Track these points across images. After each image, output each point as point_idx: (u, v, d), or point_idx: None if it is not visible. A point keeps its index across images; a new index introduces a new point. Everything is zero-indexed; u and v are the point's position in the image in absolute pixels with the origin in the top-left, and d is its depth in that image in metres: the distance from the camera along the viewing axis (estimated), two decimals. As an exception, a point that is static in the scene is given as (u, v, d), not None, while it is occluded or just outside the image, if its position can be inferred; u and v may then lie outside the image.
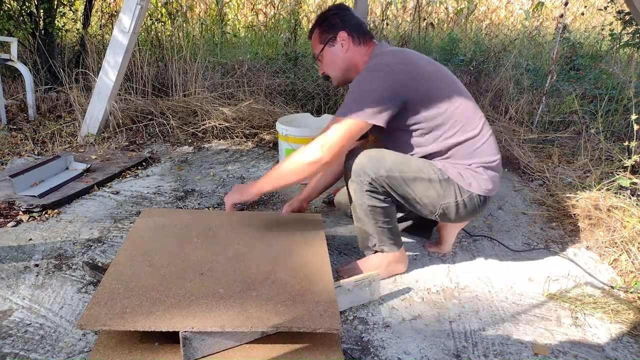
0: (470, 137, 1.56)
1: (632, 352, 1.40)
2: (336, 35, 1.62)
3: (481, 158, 1.57)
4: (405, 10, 6.12)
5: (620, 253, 1.90)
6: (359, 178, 1.52)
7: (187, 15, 5.28)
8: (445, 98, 1.53)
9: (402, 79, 1.47)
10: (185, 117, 3.56)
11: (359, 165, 1.51)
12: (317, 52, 1.68)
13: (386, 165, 1.50)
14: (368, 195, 1.53)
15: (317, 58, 1.70)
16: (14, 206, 2.12)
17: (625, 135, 3.27)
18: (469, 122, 1.57)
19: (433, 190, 1.53)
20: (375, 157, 1.51)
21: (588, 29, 6.60)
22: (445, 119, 1.53)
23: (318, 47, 1.67)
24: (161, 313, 1.22)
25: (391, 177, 1.50)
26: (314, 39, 1.69)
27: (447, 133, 1.54)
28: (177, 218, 1.78)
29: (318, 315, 1.25)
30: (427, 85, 1.51)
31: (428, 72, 1.54)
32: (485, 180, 1.57)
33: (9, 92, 4.02)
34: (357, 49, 1.64)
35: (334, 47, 1.64)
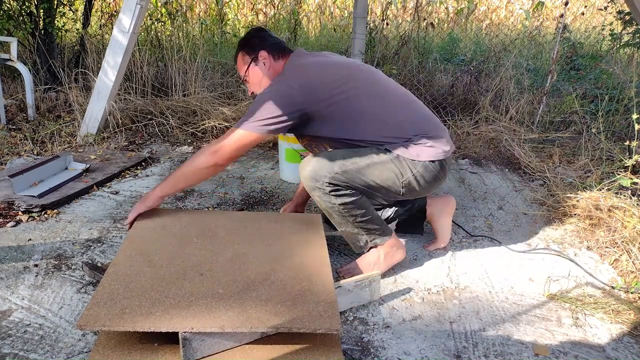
0: (398, 120, 1.65)
1: (632, 352, 1.40)
2: (257, 54, 1.73)
3: (417, 131, 1.64)
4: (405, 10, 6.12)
5: (621, 253, 1.89)
6: (317, 183, 1.57)
7: (187, 15, 5.28)
8: (356, 96, 1.61)
9: (298, 95, 1.56)
10: (184, 117, 3.56)
11: (312, 171, 1.58)
12: (242, 73, 1.78)
13: (337, 162, 1.57)
14: (334, 195, 1.58)
15: (243, 80, 1.79)
16: (13, 206, 2.12)
17: (626, 135, 3.27)
18: (392, 107, 1.66)
19: (388, 170, 1.60)
20: (324, 159, 1.58)
21: (588, 29, 6.60)
22: (363, 113, 1.62)
23: (243, 68, 1.77)
24: (161, 313, 1.22)
25: (346, 172, 1.56)
26: (239, 62, 1.79)
27: (373, 125, 1.62)
28: (176, 218, 1.78)
29: (318, 316, 1.25)
30: (330, 93, 1.58)
31: (333, 78, 1.61)
32: (429, 147, 1.64)
33: (9, 92, 4.02)
34: (276, 64, 1.75)
35: (257, 66, 1.74)
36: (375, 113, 1.64)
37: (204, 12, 6.17)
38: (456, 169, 2.94)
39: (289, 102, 1.56)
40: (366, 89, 1.65)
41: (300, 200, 2.04)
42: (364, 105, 1.62)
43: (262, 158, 3.04)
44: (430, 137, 1.65)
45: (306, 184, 1.61)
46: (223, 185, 2.57)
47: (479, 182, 2.74)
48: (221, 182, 2.61)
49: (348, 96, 1.61)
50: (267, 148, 3.21)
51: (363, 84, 1.66)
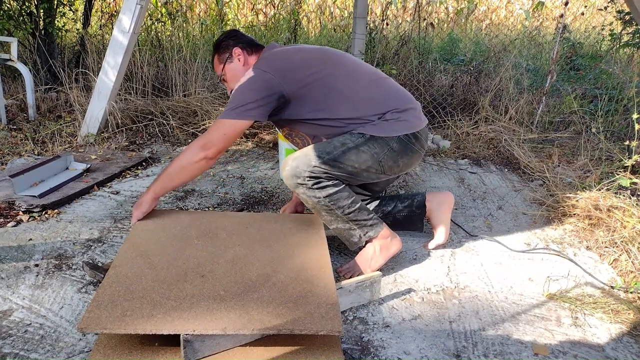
0: (370, 96, 1.69)
1: (632, 352, 1.40)
2: (231, 52, 1.80)
3: (389, 106, 1.69)
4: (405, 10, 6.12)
5: (620, 253, 1.90)
6: (298, 179, 1.60)
7: (187, 15, 5.28)
8: (328, 75, 1.66)
9: (274, 78, 1.61)
10: (185, 117, 3.56)
11: (291, 170, 1.61)
12: (219, 73, 1.84)
13: (312, 155, 1.60)
14: (317, 189, 1.60)
15: (220, 79, 1.86)
16: (14, 206, 2.12)
17: (625, 135, 3.27)
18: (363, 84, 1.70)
19: (364, 153, 1.63)
20: (299, 155, 1.62)
21: (588, 29, 6.60)
22: (337, 92, 1.66)
23: (219, 67, 1.83)
24: (162, 316, 1.22)
25: (324, 162, 1.59)
26: (215, 64, 1.86)
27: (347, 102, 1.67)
28: (176, 219, 1.78)
29: (320, 317, 1.25)
30: (304, 74, 1.64)
31: (305, 62, 1.67)
32: (402, 121, 1.68)
33: (9, 92, 4.02)
34: (250, 58, 1.81)
35: (232, 63, 1.80)
36: (347, 91, 1.68)
37: (204, 12, 6.17)
38: (456, 169, 2.94)
39: (266, 86, 1.60)
40: (337, 70, 1.70)
41: (300, 200, 2.05)
42: (336, 84, 1.67)
43: (262, 158, 3.04)
44: (401, 110, 1.70)
45: (289, 183, 1.63)
46: (223, 185, 2.57)
47: (478, 182, 2.74)
48: (221, 182, 2.61)
49: (321, 76, 1.66)
50: (267, 148, 3.22)
51: (333, 65, 1.70)
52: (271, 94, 1.60)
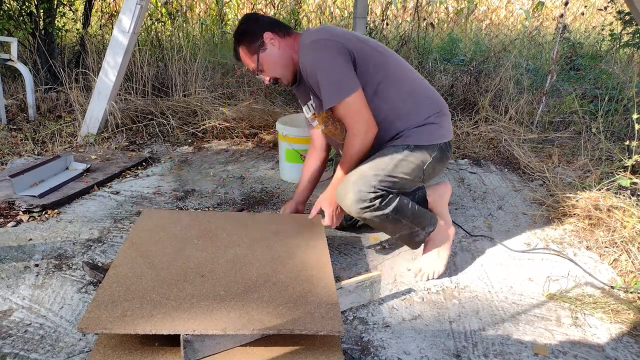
0: (414, 92, 1.67)
1: (632, 352, 1.40)
2: (262, 38, 1.64)
3: (431, 110, 1.68)
4: (405, 10, 6.12)
5: (620, 253, 1.90)
6: (364, 204, 1.54)
7: (187, 15, 5.28)
8: (377, 58, 1.63)
9: (339, 43, 1.55)
10: (185, 117, 3.56)
11: (354, 195, 1.54)
12: (254, 65, 1.68)
13: (369, 174, 1.55)
14: (384, 206, 1.57)
15: (258, 70, 1.69)
16: (14, 206, 2.12)
17: (625, 135, 3.27)
18: (407, 77, 1.69)
19: (412, 163, 1.62)
20: (355, 179, 1.56)
21: (588, 29, 6.60)
22: (387, 77, 1.63)
23: (252, 59, 1.67)
24: (162, 316, 1.22)
25: (382, 180, 1.56)
26: (243, 56, 1.70)
27: (392, 91, 1.64)
28: (177, 219, 1.78)
29: (320, 318, 1.25)
30: (360, 46, 1.60)
31: (357, 37, 1.64)
32: (442, 127, 1.69)
33: (9, 92, 4.02)
34: (286, 40, 1.67)
35: (267, 49, 1.65)
36: (417, 83, 1.68)
37: (204, 12, 6.17)
38: (456, 169, 2.94)
39: (343, 52, 1.53)
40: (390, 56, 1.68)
41: (301, 199, 2.03)
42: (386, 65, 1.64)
43: (262, 158, 3.04)
44: (442, 115, 1.70)
45: (353, 209, 1.56)
46: (223, 185, 2.57)
47: (478, 182, 2.74)
48: (221, 182, 2.61)
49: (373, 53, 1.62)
50: (267, 148, 3.22)
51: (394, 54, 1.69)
52: (349, 57, 1.55)
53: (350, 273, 1.77)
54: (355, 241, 2.01)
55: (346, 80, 1.54)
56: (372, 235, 2.06)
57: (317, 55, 1.55)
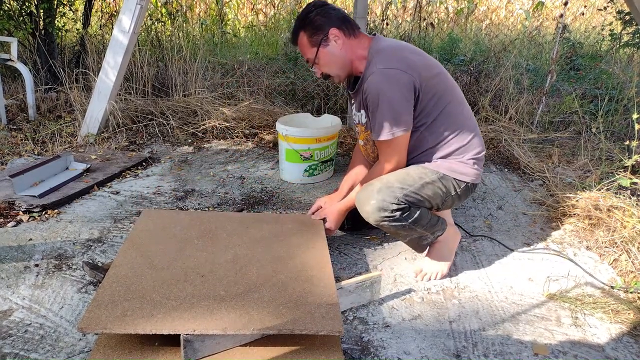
0: (463, 130, 1.63)
1: (632, 352, 1.40)
2: (327, 33, 1.58)
3: (472, 151, 1.66)
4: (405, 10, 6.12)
5: (620, 253, 1.90)
6: (384, 213, 1.55)
7: (187, 15, 5.28)
8: (441, 92, 1.59)
9: (412, 78, 1.52)
10: (185, 117, 3.56)
11: (377, 204, 1.54)
12: (311, 57, 1.63)
13: (396, 187, 1.56)
14: (404, 217, 1.57)
15: (313, 62, 1.65)
16: (14, 206, 2.12)
17: (626, 135, 3.27)
18: (461, 114, 1.65)
19: (438, 189, 1.62)
20: (382, 187, 1.56)
21: (588, 29, 6.60)
22: (441, 113, 1.60)
23: (311, 51, 1.62)
24: (162, 316, 1.22)
25: (407, 195, 1.56)
26: (302, 44, 1.64)
27: (443, 127, 1.61)
28: (177, 219, 1.78)
29: (320, 318, 1.25)
30: (428, 77, 1.56)
31: (428, 65, 1.59)
32: (474, 170, 1.66)
33: (9, 92, 4.02)
34: (350, 41, 1.61)
35: (329, 45, 1.59)
36: (468, 123, 1.66)
37: (204, 12, 6.16)
38: (456, 169, 2.94)
39: (410, 88, 1.52)
40: (452, 87, 1.65)
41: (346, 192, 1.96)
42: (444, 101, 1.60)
43: (262, 158, 3.04)
44: (476, 160, 1.67)
45: (374, 217, 1.56)
46: (223, 185, 2.57)
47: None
48: (221, 182, 2.61)
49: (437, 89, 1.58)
50: (267, 148, 3.22)
51: (445, 81, 1.63)
52: (413, 95, 1.53)
53: (350, 273, 1.77)
54: (355, 241, 2.01)
55: (401, 121, 1.53)
56: (372, 235, 2.06)
57: (383, 86, 1.51)
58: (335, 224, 1.83)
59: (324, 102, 3.96)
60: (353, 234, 2.06)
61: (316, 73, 1.69)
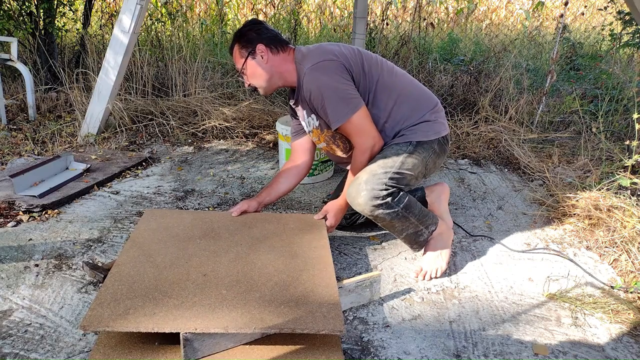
0: (406, 93, 1.74)
1: (632, 352, 1.40)
2: (254, 48, 1.70)
3: (427, 107, 1.76)
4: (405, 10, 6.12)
5: (620, 253, 1.90)
6: (377, 201, 1.59)
7: (187, 15, 5.28)
8: (368, 67, 1.70)
9: (342, 61, 1.64)
10: (185, 117, 3.56)
11: (368, 193, 1.59)
12: (240, 67, 1.76)
13: (379, 173, 1.61)
14: (396, 202, 1.62)
15: (241, 72, 1.77)
16: (14, 206, 2.12)
17: (626, 135, 3.27)
18: (397, 80, 1.75)
19: (415, 159, 1.68)
20: (367, 177, 1.61)
21: (588, 29, 6.61)
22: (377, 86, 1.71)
23: (240, 61, 1.75)
24: (164, 314, 1.22)
25: (391, 177, 1.61)
26: (235, 54, 1.77)
27: (385, 97, 1.71)
28: (179, 219, 1.79)
29: (322, 317, 1.25)
30: (354, 59, 1.68)
31: (350, 50, 1.71)
32: (438, 123, 1.76)
33: (9, 92, 4.02)
34: (276, 57, 1.73)
35: (255, 59, 1.72)
36: (407, 86, 1.76)
37: (204, 12, 6.17)
38: (456, 169, 2.94)
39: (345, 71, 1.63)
40: (380, 65, 1.74)
41: (263, 201, 1.92)
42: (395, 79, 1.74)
43: (262, 158, 3.04)
44: (436, 111, 1.78)
45: (367, 207, 1.60)
46: (223, 185, 2.57)
47: (478, 182, 2.74)
48: (221, 182, 2.61)
49: (367, 65, 1.70)
50: (267, 148, 3.22)
51: (383, 63, 1.76)
52: (349, 75, 1.64)
53: (350, 273, 1.77)
54: (355, 241, 2.01)
55: (349, 98, 1.62)
56: (372, 235, 2.06)
57: (319, 79, 1.62)
58: (335, 219, 1.85)
59: (324, 102, 3.95)
60: (352, 233, 2.06)
61: (245, 83, 1.81)
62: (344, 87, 1.62)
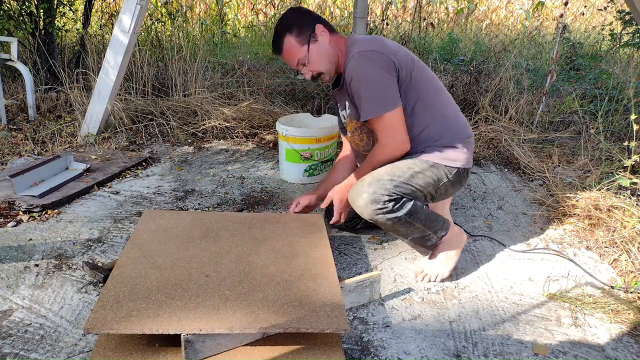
0: (445, 114, 1.68)
1: (632, 352, 1.40)
2: (314, 29, 1.62)
3: (459, 135, 1.68)
4: (405, 10, 6.12)
5: (620, 253, 1.90)
6: (377, 205, 1.55)
7: (187, 15, 5.28)
8: (417, 77, 1.63)
9: (392, 58, 1.56)
10: (185, 117, 3.56)
11: (369, 197, 1.55)
12: (302, 56, 1.65)
13: (385, 179, 1.56)
14: (397, 209, 1.57)
15: (301, 64, 1.66)
16: (14, 206, 2.12)
17: (625, 135, 3.27)
18: (441, 98, 1.70)
19: (428, 178, 1.62)
20: (372, 181, 1.57)
21: (588, 29, 6.61)
22: (420, 98, 1.63)
23: (301, 50, 1.64)
24: (168, 315, 1.22)
25: (397, 185, 1.56)
26: (289, 47, 1.65)
27: (424, 112, 1.64)
28: (178, 219, 1.78)
29: (325, 316, 1.26)
30: (407, 62, 1.61)
31: (406, 52, 1.65)
32: (464, 154, 1.68)
33: (9, 92, 4.02)
34: (334, 37, 1.66)
35: (318, 41, 1.63)
36: (449, 109, 1.70)
37: (204, 12, 6.17)
38: (456, 169, 2.94)
39: (391, 67, 1.55)
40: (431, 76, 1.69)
41: (321, 194, 1.97)
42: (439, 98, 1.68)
43: (262, 158, 3.04)
44: (465, 139, 1.70)
45: (367, 211, 1.57)
46: (223, 185, 2.57)
47: (478, 182, 2.75)
48: (221, 182, 2.61)
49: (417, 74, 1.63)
50: (267, 148, 3.22)
51: (433, 79, 1.70)
52: (395, 73, 1.56)
53: (350, 273, 1.77)
54: (355, 241, 2.01)
55: (388, 96, 1.55)
56: (372, 235, 2.06)
57: (364, 66, 1.55)
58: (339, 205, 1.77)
59: (324, 102, 3.96)
60: (352, 233, 2.06)
61: (306, 75, 1.69)
62: (386, 82, 1.55)
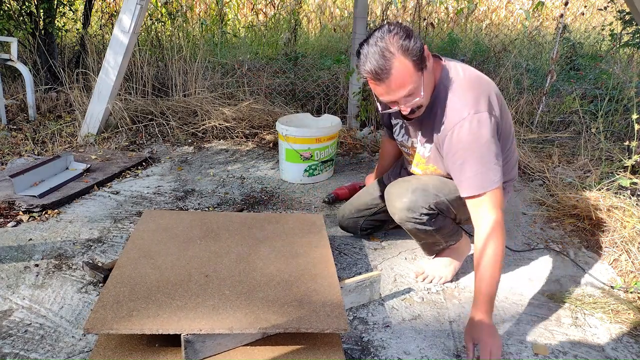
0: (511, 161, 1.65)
1: (632, 352, 1.40)
2: (424, 53, 1.32)
3: (512, 176, 1.68)
4: (405, 10, 6.12)
5: (620, 253, 1.90)
6: (412, 214, 1.55)
7: (187, 15, 5.28)
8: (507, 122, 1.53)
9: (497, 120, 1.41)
10: (185, 117, 3.56)
11: (409, 203, 1.54)
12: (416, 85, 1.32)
13: (431, 193, 1.54)
14: (428, 223, 1.57)
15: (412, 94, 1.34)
16: (14, 206, 2.12)
17: (625, 135, 3.27)
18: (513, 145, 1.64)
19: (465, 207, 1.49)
20: (418, 187, 1.55)
21: (588, 29, 6.61)
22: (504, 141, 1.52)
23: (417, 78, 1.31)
24: (168, 315, 1.22)
25: (438, 203, 1.55)
26: (405, 73, 1.29)
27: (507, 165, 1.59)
28: (178, 220, 1.78)
29: (325, 316, 1.26)
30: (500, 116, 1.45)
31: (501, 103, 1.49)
32: (507, 194, 1.66)
33: (9, 92, 4.02)
34: (435, 62, 1.42)
35: (427, 67, 1.34)
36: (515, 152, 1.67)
37: (204, 12, 6.16)
38: (456, 169, 2.94)
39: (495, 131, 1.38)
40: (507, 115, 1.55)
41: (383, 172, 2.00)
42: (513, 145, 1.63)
43: (262, 158, 3.04)
44: (512, 184, 1.71)
45: (401, 215, 1.56)
46: (223, 185, 2.57)
47: (478, 182, 2.74)
48: (221, 182, 2.61)
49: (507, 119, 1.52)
50: (267, 148, 3.22)
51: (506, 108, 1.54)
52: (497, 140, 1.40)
53: (350, 273, 1.77)
54: (355, 241, 2.01)
55: (492, 172, 1.37)
56: (373, 235, 2.06)
57: (481, 133, 1.35)
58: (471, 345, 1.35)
59: (324, 102, 3.96)
60: (352, 234, 2.06)
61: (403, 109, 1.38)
62: (491, 156, 1.36)
